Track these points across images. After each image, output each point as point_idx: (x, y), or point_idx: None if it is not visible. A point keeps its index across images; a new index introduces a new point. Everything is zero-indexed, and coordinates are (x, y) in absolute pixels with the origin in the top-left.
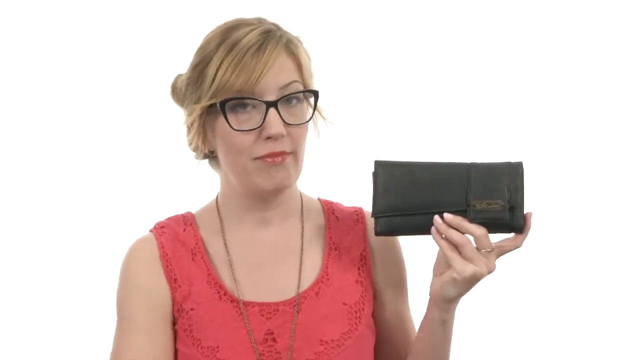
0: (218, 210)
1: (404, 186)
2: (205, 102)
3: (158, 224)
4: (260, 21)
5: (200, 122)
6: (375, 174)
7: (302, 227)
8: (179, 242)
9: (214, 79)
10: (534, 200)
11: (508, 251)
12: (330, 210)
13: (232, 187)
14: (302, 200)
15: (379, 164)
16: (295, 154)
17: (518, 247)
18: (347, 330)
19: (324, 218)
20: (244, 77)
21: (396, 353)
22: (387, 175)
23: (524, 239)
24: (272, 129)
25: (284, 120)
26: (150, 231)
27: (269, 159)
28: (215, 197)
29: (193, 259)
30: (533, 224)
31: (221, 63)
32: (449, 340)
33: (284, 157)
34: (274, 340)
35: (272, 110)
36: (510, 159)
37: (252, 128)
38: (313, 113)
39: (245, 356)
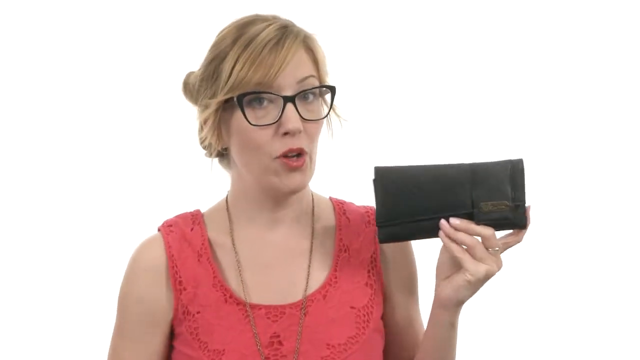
0: (228, 210)
1: (405, 192)
2: (221, 97)
3: (166, 222)
4: (275, 17)
5: (215, 118)
6: (375, 181)
7: (313, 228)
8: (185, 242)
9: (230, 74)
10: (533, 195)
11: (511, 246)
12: (341, 210)
13: (244, 186)
14: (313, 200)
15: (378, 171)
16: (310, 154)
17: (519, 242)
18: (354, 334)
19: (334, 219)
20: (262, 72)
21: (406, 355)
22: (388, 181)
23: (525, 233)
24: (290, 124)
25: (301, 116)
26: (159, 229)
27: (292, 163)
28: (225, 196)
29: (199, 260)
30: (533, 220)
31: (238, 58)
32: (456, 340)
33: (304, 161)
34: (280, 343)
35: (289, 106)
36: (510, 156)
37: (269, 123)
38: (329, 109)
39: (251, 359)
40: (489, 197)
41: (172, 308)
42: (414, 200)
